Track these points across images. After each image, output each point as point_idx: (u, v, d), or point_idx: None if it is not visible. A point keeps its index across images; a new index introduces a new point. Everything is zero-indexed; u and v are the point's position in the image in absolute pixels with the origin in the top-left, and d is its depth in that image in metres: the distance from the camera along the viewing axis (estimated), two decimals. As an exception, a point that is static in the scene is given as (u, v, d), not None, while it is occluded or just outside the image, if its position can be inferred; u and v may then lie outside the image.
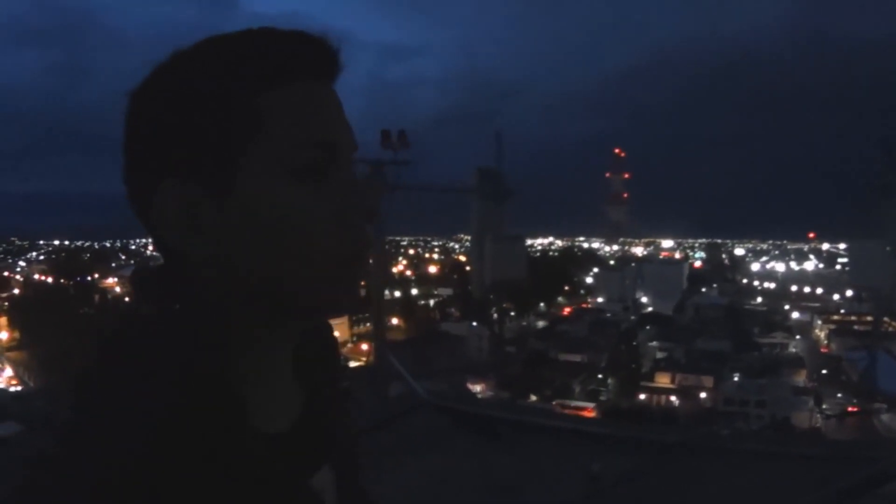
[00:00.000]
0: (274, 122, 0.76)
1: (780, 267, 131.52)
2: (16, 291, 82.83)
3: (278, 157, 0.76)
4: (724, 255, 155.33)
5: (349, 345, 61.46)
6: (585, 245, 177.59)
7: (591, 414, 43.30)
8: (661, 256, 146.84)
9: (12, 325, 65.52)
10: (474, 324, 62.31)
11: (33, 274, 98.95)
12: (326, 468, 0.89)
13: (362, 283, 0.88)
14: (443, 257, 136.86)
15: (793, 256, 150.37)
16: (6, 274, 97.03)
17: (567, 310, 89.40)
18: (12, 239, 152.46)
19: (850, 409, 50.65)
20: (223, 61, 0.77)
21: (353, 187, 0.81)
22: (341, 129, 0.82)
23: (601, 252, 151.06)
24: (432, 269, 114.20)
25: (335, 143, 0.80)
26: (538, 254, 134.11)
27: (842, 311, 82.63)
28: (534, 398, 47.50)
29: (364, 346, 53.78)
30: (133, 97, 0.79)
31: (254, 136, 0.75)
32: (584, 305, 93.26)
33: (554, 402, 46.10)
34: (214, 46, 0.79)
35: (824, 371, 58.20)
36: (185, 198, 0.76)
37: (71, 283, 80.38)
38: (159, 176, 0.76)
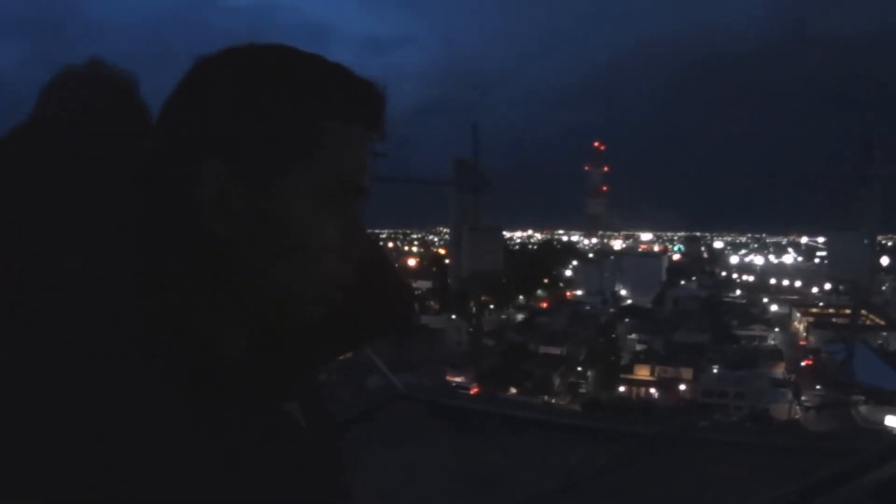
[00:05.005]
0: (326, 148, 0.79)
1: (758, 260, 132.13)
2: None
3: (315, 177, 0.79)
4: (702, 248, 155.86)
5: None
6: (564, 238, 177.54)
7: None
8: (640, 249, 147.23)
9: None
10: (453, 316, 62.14)
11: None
12: (294, 403, 0.91)
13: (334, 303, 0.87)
14: (422, 250, 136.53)
15: (771, 250, 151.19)
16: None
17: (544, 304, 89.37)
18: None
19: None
20: (309, 76, 0.80)
21: (359, 227, 0.86)
22: (368, 176, 0.85)
23: (580, 245, 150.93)
24: (411, 261, 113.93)
25: (361, 188, 0.84)
26: (517, 246, 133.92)
27: (820, 303, 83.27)
28: (513, 390, 47.43)
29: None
30: (202, 65, 0.80)
31: (308, 151, 0.79)
32: (567, 295, 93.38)
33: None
34: (306, 58, 0.81)
35: (803, 363, 58.52)
36: (223, 180, 0.76)
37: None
38: (205, 155, 0.76)
